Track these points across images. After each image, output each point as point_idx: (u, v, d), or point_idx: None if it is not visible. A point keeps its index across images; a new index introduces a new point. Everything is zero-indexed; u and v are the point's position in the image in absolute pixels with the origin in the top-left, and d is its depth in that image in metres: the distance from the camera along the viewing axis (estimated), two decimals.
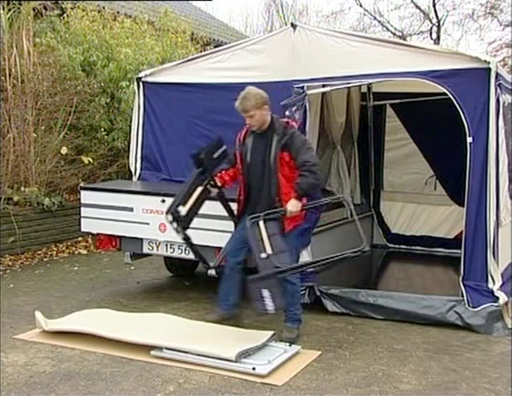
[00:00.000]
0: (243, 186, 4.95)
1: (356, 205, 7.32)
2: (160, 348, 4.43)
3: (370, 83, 6.74)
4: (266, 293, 4.17)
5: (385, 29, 24.91)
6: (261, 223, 4.45)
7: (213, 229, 5.34)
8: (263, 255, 4.26)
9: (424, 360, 4.54)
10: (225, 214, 5.20)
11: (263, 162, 4.76)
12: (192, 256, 5.45)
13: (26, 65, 8.10)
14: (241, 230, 4.80)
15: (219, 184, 5.00)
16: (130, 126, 7.29)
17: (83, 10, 10.15)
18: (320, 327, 5.20)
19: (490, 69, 5.02)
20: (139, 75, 6.61)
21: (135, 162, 6.58)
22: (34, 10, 8.67)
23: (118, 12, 11.29)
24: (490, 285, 5.15)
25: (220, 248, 5.32)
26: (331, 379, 4.16)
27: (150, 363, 4.34)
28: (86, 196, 6.01)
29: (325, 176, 7.07)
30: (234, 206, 5.11)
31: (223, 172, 5.03)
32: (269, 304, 4.19)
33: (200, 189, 4.91)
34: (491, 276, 5.16)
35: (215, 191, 5.03)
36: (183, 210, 4.83)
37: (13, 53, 7.98)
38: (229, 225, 5.22)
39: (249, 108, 4.70)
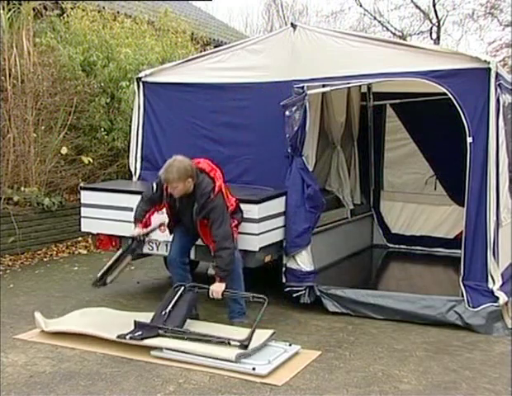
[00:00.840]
0: (173, 222, 5.23)
1: (356, 205, 7.35)
2: (160, 348, 4.43)
3: (370, 83, 6.74)
4: (137, 333, 4.57)
5: (385, 29, 24.95)
6: (181, 290, 4.90)
7: None
8: (163, 312, 4.74)
9: (424, 360, 4.55)
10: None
11: (189, 217, 5.00)
12: (192, 256, 5.46)
13: (26, 65, 8.10)
14: (182, 237, 5.23)
15: (143, 233, 5.23)
16: (130, 126, 7.28)
17: (83, 10, 10.15)
18: (320, 327, 5.20)
19: (490, 69, 5.02)
20: (139, 75, 6.61)
21: (135, 162, 6.58)
22: (34, 10, 8.66)
23: (118, 12, 11.28)
24: (490, 285, 5.15)
25: None
26: (331, 379, 4.16)
27: (150, 363, 4.34)
28: (86, 196, 6.01)
29: (325, 176, 7.08)
30: None
31: (146, 215, 5.22)
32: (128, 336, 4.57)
33: (129, 257, 5.29)
34: (491, 276, 5.16)
35: (141, 247, 5.39)
36: (109, 279, 5.29)
37: (13, 53, 7.98)
38: None
39: (172, 180, 4.82)
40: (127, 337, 4.52)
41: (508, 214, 5.64)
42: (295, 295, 5.55)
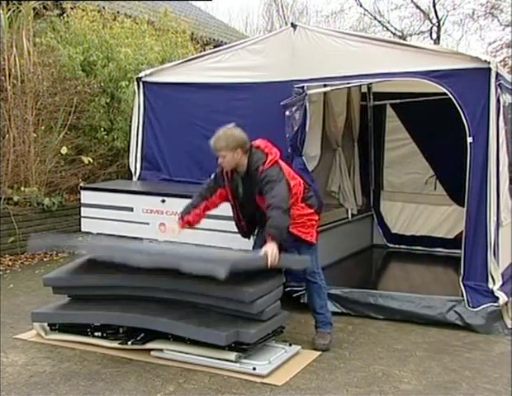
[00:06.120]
0: (236, 215, 4.84)
1: (357, 206, 7.34)
2: (161, 349, 4.43)
3: (370, 83, 6.74)
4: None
5: (385, 29, 24.91)
6: None
7: (213, 229, 5.34)
8: None
9: (424, 360, 4.55)
10: (229, 214, 5.23)
11: (253, 202, 4.65)
12: None
13: (26, 65, 8.10)
14: None
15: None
16: (129, 126, 7.29)
17: (83, 10, 10.14)
18: None
19: (490, 69, 5.01)
20: (139, 75, 6.61)
21: (134, 161, 6.58)
22: (34, 10, 8.66)
23: (118, 12, 11.28)
24: (491, 285, 5.15)
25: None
26: (331, 379, 4.16)
27: (150, 363, 4.34)
28: (86, 196, 6.01)
29: (326, 176, 7.08)
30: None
31: (191, 212, 4.77)
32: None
33: None
34: (491, 276, 5.16)
35: None
36: None
37: (13, 53, 7.97)
38: (231, 225, 5.22)
39: (219, 148, 4.53)
40: (129, 342, 4.50)
41: (508, 214, 5.64)
42: (295, 295, 5.54)
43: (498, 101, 5.12)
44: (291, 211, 4.56)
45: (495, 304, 5.08)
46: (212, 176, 4.82)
